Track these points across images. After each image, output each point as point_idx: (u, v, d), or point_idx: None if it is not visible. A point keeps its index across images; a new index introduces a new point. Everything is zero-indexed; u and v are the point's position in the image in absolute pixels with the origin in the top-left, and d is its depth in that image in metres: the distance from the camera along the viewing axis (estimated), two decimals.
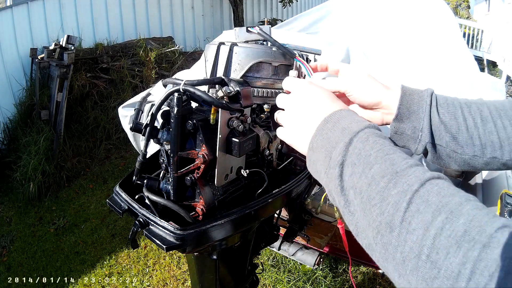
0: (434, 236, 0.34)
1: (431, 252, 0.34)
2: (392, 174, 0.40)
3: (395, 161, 0.41)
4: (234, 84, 0.65)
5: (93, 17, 5.32)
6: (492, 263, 0.30)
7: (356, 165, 0.43)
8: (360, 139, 0.45)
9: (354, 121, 0.48)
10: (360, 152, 0.44)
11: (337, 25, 1.96)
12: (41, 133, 3.92)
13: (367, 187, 0.41)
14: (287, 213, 1.31)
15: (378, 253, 0.40)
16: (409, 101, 0.62)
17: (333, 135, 0.47)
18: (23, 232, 3.34)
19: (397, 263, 0.37)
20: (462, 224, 0.33)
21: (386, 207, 0.38)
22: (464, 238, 0.32)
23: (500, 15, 9.86)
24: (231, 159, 0.70)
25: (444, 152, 0.63)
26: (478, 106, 0.63)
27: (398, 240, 0.37)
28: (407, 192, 0.38)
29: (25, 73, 4.55)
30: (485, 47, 9.12)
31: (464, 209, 0.35)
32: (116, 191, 0.75)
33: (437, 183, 0.38)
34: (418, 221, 0.36)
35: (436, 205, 0.36)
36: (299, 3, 9.19)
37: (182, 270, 2.60)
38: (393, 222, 0.37)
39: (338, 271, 2.40)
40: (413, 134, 0.62)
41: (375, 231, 0.39)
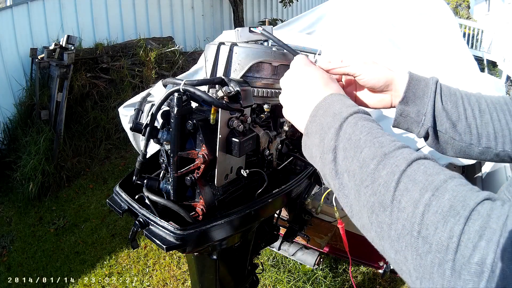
0: (422, 212, 0.36)
1: (421, 228, 0.35)
2: (381, 156, 0.42)
3: (384, 143, 0.43)
4: (234, 84, 0.65)
5: (93, 17, 5.31)
6: (475, 235, 0.32)
7: (348, 150, 0.45)
8: (349, 124, 0.47)
9: (344, 105, 0.49)
10: (351, 137, 0.45)
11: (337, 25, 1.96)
12: (41, 133, 3.92)
13: (359, 170, 0.43)
14: (287, 213, 1.31)
15: (374, 232, 0.41)
16: (416, 86, 0.66)
17: (325, 121, 0.49)
18: (23, 232, 3.34)
19: (392, 241, 0.38)
20: (447, 200, 0.35)
21: (378, 188, 0.40)
22: (450, 213, 0.34)
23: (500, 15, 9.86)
24: (231, 159, 0.70)
25: (443, 138, 0.67)
26: (477, 99, 0.68)
27: (391, 218, 0.39)
28: (395, 173, 0.40)
29: (25, 73, 4.54)
30: (485, 47, 9.12)
31: (449, 186, 0.37)
32: (116, 191, 0.75)
33: (423, 163, 0.40)
34: (407, 199, 0.38)
35: (423, 183, 0.38)
36: (299, 3, 9.19)
37: (182, 270, 2.60)
38: (385, 201, 0.39)
39: (338, 271, 2.39)
40: (417, 117, 0.67)
41: (369, 211, 0.41)
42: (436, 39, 1.77)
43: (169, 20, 6.49)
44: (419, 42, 1.76)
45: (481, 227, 0.33)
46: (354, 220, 0.45)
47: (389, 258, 0.41)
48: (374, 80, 0.67)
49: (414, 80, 0.66)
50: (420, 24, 1.83)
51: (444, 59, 1.69)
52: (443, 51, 1.73)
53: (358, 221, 0.45)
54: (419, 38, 1.78)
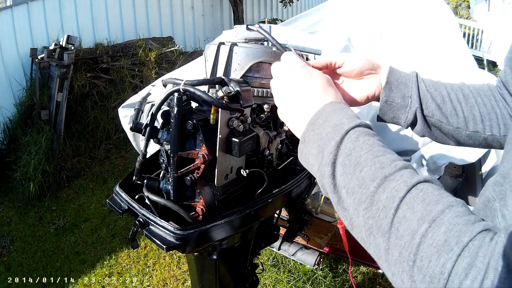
0: (418, 243, 0.37)
1: (417, 258, 0.37)
2: (381, 178, 0.42)
3: (384, 164, 0.43)
4: (234, 84, 0.65)
5: (93, 17, 5.31)
6: (462, 272, 0.34)
7: (347, 166, 0.45)
8: (350, 139, 0.46)
9: (345, 116, 0.48)
10: (351, 153, 0.45)
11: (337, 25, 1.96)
12: (41, 133, 3.92)
13: (358, 189, 0.43)
14: (287, 213, 1.31)
15: (372, 251, 0.43)
16: (397, 74, 0.67)
17: (325, 131, 0.48)
18: (23, 232, 3.34)
19: (389, 264, 0.40)
20: (443, 233, 0.36)
21: (377, 212, 0.41)
22: (444, 248, 0.35)
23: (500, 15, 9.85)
24: (231, 159, 0.70)
25: (430, 122, 0.67)
26: (459, 86, 0.69)
27: (388, 244, 0.40)
28: (395, 199, 0.40)
29: (25, 73, 4.54)
30: (485, 47, 9.12)
31: (446, 218, 0.37)
32: (116, 191, 0.75)
33: (423, 189, 0.40)
34: (405, 228, 0.38)
35: (421, 213, 0.38)
36: (299, 3, 9.19)
37: (182, 270, 2.60)
38: (383, 226, 0.40)
39: (338, 271, 2.39)
40: (402, 102, 0.67)
41: (367, 232, 0.42)
42: (436, 39, 1.77)
43: (169, 20, 6.49)
44: (419, 42, 1.76)
45: (468, 265, 0.34)
46: (353, 233, 0.46)
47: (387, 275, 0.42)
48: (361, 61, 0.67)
49: (395, 70, 0.68)
50: (420, 25, 1.83)
51: (444, 59, 1.69)
52: (443, 51, 1.73)
53: (357, 234, 0.45)
54: (419, 38, 1.78)
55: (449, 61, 1.68)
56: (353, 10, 1.98)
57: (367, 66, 0.67)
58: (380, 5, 1.95)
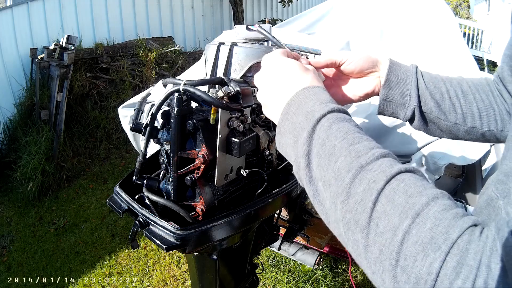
0: (401, 241, 0.34)
1: (400, 257, 0.34)
2: (357, 168, 0.39)
3: (360, 153, 0.40)
4: (234, 84, 0.65)
5: (93, 17, 5.31)
6: (452, 272, 0.31)
7: (322, 157, 0.42)
8: (323, 127, 0.43)
9: (317, 102, 0.46)
10: (324, 143, 0.42)
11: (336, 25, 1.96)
12: (41, 133, 3.92)
13: (335, 182, 0.40)
14: (287, 213, 1.31)
15: (351, 247, 0.39)
16: (397, 70, 0.67)
17: (298, 120, 0.46)
18: (23, 232, 3.34)
19: (369, 262, 0.37)
20: (428, 229, 0.33)
21: (354, 205, 0.38)
22: (430, 246, 0.32)
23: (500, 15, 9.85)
24: (231, 159, 0.70)
25: (428, 118, 0.68)
26: (458, 81, 0.69)
27: (367, 240, 0.36)
28: (372, 191, 0.37)
29: (25, 73, 4.54)
30: (485, 47, 9.12)
31: (431, 211, 0.34)
32: (116, 191, 0.75)
33: (404, 179, 0.37)
34: (385, 224, 0.35)
35: (403, 207, 0.35)
36: (299, 3, 9.19)
37: (182, 270, 2.60)
38: (361, 221, 0.37)
39: (338, 271, 2.39)
40: (401, 99, 0.67)
41: (345, 227, 0.39)
42: (436, 39, 1.77)
43: (169, 20, 6.49)
44: (419, 42, 1.76)
45: (458, 264, 0.31)
46: (330, 227, 0.43)
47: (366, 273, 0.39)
48: (361, 60, 0.67)
49: (395, 65, 0.68)
50: (420, 25, 1.83)
51: (444, 59, 1.69)
52: (443, 51, 1.73)
53: (334, 230, 0.42)
54: (420, 38, 1.78)
55: (449, 61, 1.68)
56: (353, 10, 1.98)
57: (368, 64, 0.67)
58: (380, 5, 1.95)
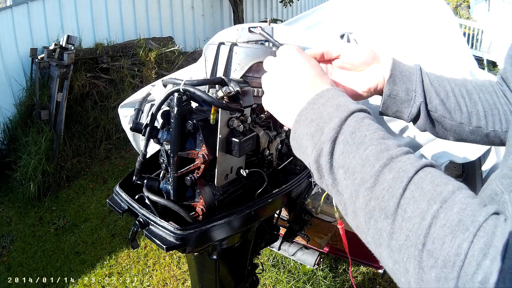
0: (429, 224, 0.34)
1: (427, 241, 0.34)
2: (387, 158, 0.39)
3: (390, 147, 0.41)
4: (234, 84, 0.65)
5: (93, 17, 5.31)
6: (479, 253, 0.31)
7: (349, 144, 0.42)
8: (355, 118, 0.44)
9: (349, 101, 0.46)
10: (355, 131, 0.42)
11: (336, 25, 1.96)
12: (41, 133, 3.92)
13: (361, 169, 0.40)
14: (287, 213, 1.31)
15: (371, 238, 0.39)
16: (401, 67, 0.66)
17: (326, 110, 0.45)
18: (23, 232, 3.34)
19: (392, 250, 0.37)
20: (456, 213, 0.34)
21: (381, 192, 0.38)
22: (459, 228, 0.33)
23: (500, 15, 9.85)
24: (231, 159, 0.70)
25: (433, 117, 0.66)
26: (462, 82, 0.69)
27: (393, 227, 0.36)
28: (402, 179, 0.37)
29: (25, 73, 4.54)
30: (485, 47, 9.12)
31: (458, 198, 0.35)
32: (116, 191, 0.75)
33: (430, 171, 0.39)
34: (413, 209, 0.36)
35: (431, 193, 0.36)
36: (299, 3, 9.19)
37: (182, 270, 2.60)
38: (388, 208, 0.37)
39: (338, 271, 2.39)
40: (406, 96, 0.65)
41: (367, 215, 0.39)
42: (436, 39, 1.77)
43: (169, 20, 6.49)
44: (419, 42, 1.76)
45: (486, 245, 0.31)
46: (348, 219, 0.43)
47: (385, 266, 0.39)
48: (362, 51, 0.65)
49: (398, 62, 0.67)
50: (420, 24, 1.83)
51: (444, 59, 1.69)
52: (443, 51, 1.73)
53: (352, 220, 0.42)
54: (419, 38, 1.78)
55: (450, 61, 1.68)
56: (353, 10, 1.98)
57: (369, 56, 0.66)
58: (380, 5, 1.95)
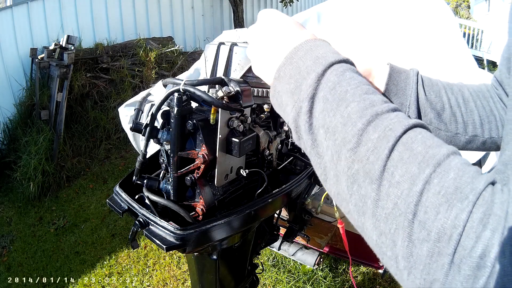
0: (421, 191, 0.30)
1: (419, 211, 0.30)
2: (372, 115, 0.35)
3: (375, 102, 0.36)
4: (234, 84, 0.65)
5: (93, 17, 5.32)
6: (478, 224, 0.28)
7: (329, 101, 0.37)
8: (335, 71, 0.39)
9: (330, 51, 0.42)
10: (335, 86, 0.38)
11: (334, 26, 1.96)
12: (41, 133, 3.92)
13: (342, 128, 0.36)
14: (287, 213, 1.31)
15: (353, 205, 0.35)
16: (397, 78, 0.64)
17: (304, 64, 0.41)
18: (23, 232, 3.34)
19: (377, 220, 0.32)
20: (452, 179, 0.30)
21: (365, 154, 0.33)
22: (456, 196, 0.29)
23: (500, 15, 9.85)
24: (231, 159, 0.70)
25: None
26: (459, 88, 0.67)
27: (378, 193, 0.32)
28: (389, 138, 0.33)
29: (25, 73, 4.55)
30: (485, 47, 9.12)
31: (453, 163, 0.31)
32: (116, 191, 0.75)
33: (421, 132, 0.34)
34: (402, 172, 0.31)
35: (423, 155, 0.32)
36: (299, 3, 9.19)
37: (182, 270, 2.60)
38: (373, 171, 0.33)
39: (338, 271, 2.39)
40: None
41: (350, 179, 0.34)
42: (436, 39, 1.77)
43: (169, 20, 6.49)
44: (419, 42, 1.77)
45: (485, 214, 0.28)
46: (327, 185, 0.38)
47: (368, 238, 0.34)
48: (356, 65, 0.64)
49: (395, 72, 0.63)
50: (420, 25, 1.83)
51: (444, 59, 1.69)
52: (443, 51, 1.73)
53: (332, 186, 0.37)
54: (419, 38, 1.78)
55: (449, 61, 1.68)
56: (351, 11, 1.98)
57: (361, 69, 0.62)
58: (380, 5, 1.95)
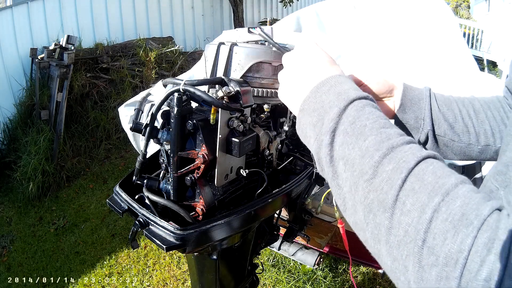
0: (430, 219, 0.32)
1: (428, 237, 0.32)
2: (388, 148, 0.38)
3: (391, 136, 0.39)
4: (234, 84, 0.65)
5: (93, 17, 5.32)
6: (483, 248, 0.29)
7: (349, 134, 0.40)
8: (355, 107, 0.42)
9: (352, 88, 0.45)
10: (355, 121, 0.41)
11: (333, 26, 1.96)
12: (41, 133, 3.92)
13: (360, 160, 0.38)
14: (287, 213, 1.31)
15: (370, 233, 0.37)
16: (411, 94, 0.68)
17: (327, 99, 0.44)
18: (23, 232, 3.34)
19: (391, 247, 0.35)
20: (459, 206, 0.32)
21: (380, 184, 0.36)
22: (462, 222, 0.31)
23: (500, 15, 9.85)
24: (231, 159, 0.70)
25: (442, 141, 0.68)
26: (470, 101, 0.70)
27: (391, 221, 0.35)
28: (402, 169, 0.36)
29: (25, 73, 4.55)
30: (485, 47, 9.12)
31: (461, 191, 0.33)
32: (116, 191, 0.75)
33: (432, 162, 0.37)
34: (413, 202, 0.34)
35: (432, 186, 0.34)
36: (299, 3, 9.19)
37: (182, 270, 2.60)
38: (386, 201, 0.35)
39: (338, 271, 2.39)
40: (415, 123, 0.68)
41: (366, 209, 0.37)
42: (436, 39, 1.77)
43: (169, 20, 6.49)
44: (419, 43, 1.76)
45: (490, 239, 0.29)
46: (346, 215, 0.41)
47: (384, 264, 0.37)
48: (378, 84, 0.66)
49: (408, 89, 0.68)
50: (420, 25, 1.83)
51: (444, 59, 1.69)
52: (443, 51, 1.73)
53: (350, 216, 0.40)
54: (419, 39, 1.78)
55: (450, 62, 1.68)
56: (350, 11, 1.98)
57: (385, 89, 0.67)
58: (379, 5, 1.95)
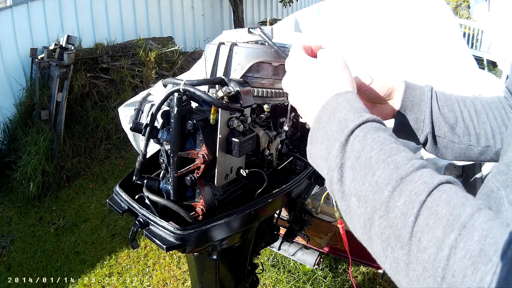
0: (448, 256, 0.32)
1: (447, 274, 0.32)
2: (397, 180, 0.37)
3: (399, 164, 0.38)
4: (234, 84, 0.65)
5: (93, 17, 5.31)
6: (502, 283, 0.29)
7: (357, 170, 0.40)
8: (357, 138, 0.42)
9: (351, 111, 0.44)
10: (360, 155, 0.40)
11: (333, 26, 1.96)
12: (41, 133, 3.92)
13: (372, 196, 0.38)
14: (287, 213, 1.31)
15: (389, 265, 0.37)
16: (412, 95, 0.67)
17: (331, 129, 0.44)
18: (23, 232, 3.34)
19: (411, 280, 0.35)
20: (477, 241, 0.31)
21: (394, 220, 0.36)
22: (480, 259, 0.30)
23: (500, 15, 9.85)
24: (231, 159, 0.70)
25: (442, 143, 0.67)
26: (472, 101, 0.69)
27: (409, 257, 0.34)
28: (414, 203, 0.35)
29: (25, 73, 4.55)
30: (485, 47, 9.12)
31: (477, 222, 0.32)
32: (116, 191, 0.75)
33: (445, 190, 0.36)
34: (429, 238, 0.33)
35: (447, 219, 0.33)
36: (299, 3, 9.18)
37: (182, 270, 2.60)
38: (402, 237, 0.35)
39: (338, 271, 2.39)
40: (415, 125, 0.67)
41: (384, 243, 0.37)
42: (436, 39, 1.77)
43: (169, 20, 6.49)
44: (419, 43, 1.76)
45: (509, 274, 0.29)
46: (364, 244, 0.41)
47: None
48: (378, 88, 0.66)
49: (410, 89, 0.67)
50: (420, 25, 1.83)
51: (444, 59, 1.69)
52: (443, 51, 1.73)
53: (369, 247, 0.40)
54: (419, 39, 1.78)
55: (449, 62, 1.68)
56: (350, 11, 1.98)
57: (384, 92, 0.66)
58: (379, 4, 1.95)
